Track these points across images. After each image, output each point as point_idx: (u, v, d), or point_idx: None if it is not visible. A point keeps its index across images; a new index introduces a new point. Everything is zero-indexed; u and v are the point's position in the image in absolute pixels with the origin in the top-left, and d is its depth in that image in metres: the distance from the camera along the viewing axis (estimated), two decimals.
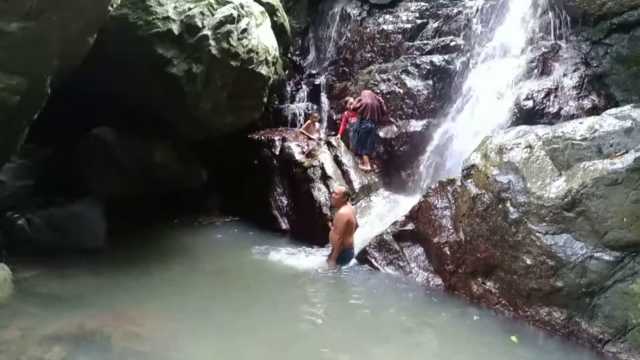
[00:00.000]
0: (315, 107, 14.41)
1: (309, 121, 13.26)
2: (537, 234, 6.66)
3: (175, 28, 8.57)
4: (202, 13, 8.83)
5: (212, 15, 8.96)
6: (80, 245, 8.58)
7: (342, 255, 8.81)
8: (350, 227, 8.83)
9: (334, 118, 14.06)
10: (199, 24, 8.77)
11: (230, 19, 9.14)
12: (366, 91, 12.55)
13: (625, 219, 5.95)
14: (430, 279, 8.11)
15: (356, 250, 9.00)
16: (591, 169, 6.41)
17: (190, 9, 8.76)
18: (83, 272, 7.66)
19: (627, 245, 5.94)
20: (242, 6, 9.50)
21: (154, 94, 9.09)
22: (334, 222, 8.99)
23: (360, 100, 12.28)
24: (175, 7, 8.65)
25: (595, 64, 9.95)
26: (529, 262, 6.70)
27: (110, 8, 7.24)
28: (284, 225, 11.03)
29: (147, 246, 9.12)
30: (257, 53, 9.76)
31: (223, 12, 9.07)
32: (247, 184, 11.87)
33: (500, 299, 7.10)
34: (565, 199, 6.48)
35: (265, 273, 8.54)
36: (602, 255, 6.09)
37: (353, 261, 8.90)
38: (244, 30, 9.45)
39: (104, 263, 8.16)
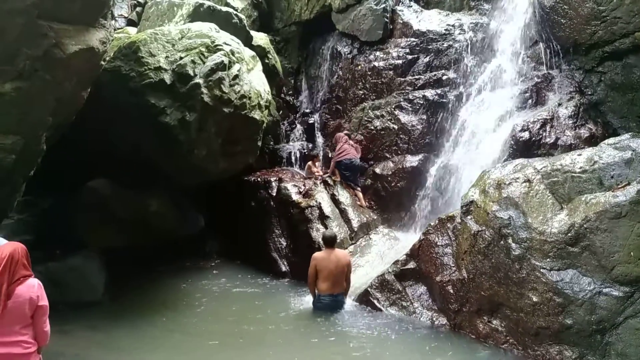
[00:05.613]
0: (310, 145, 14.39)
1: (309, 163, 13.26)
2: (541, 270, 6.56)
3: (167, 78, 8.63)
4: (193, 61, 8.90)
5: (204, 63, 9.03)
6: (79, 300, 8.46)
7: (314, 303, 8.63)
8: (321, 273, 8.48)
9: (330, 156, 14.02)
10: (191, 73, 8.83)
11: (222, 66, 9.20)
12: (339, 134, 12.77)
13: (632, 253, 5.87)
14: (434, 319, 7.96)
15: (358, 291, 8.84)
16: (593, 202, 6.34)
17: (181, 57, 8.84)
18: (80, 328, 7.59)
19: (637, 280, 5.84)
20: (232, 53, 9.57)
21: (148, 143, 9.09)
22: None
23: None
24: (166, 57, 8.74)
25: (589, 92, 9.89)
26: (535, 299, 6.58)
27: (102, 62, 7.27)
28: (284, 267, 10.87)
29: (144, 297, 9.01)
30: (249, 98, 9.77)
31: (214, 59, 9.14)
32: (244, 227, 11.73)
33: (508, 338, 6.95)
34: (569, 234, 6.41)
35: (266, 317, 8.40)
36: (611, 291, 5.99)
37: (349, 303, 8.73)
38: (236, 77, 9.49)
39: (102, 317, 8.10)
